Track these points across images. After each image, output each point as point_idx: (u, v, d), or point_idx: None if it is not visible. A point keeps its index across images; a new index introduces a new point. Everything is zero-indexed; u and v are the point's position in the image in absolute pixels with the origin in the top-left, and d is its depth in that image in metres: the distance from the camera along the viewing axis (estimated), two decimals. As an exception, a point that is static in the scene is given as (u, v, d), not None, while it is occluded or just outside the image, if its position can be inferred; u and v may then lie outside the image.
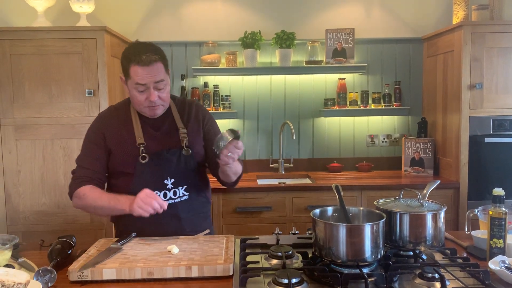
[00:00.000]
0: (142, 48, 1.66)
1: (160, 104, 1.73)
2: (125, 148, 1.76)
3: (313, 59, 3.39)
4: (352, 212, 1.51)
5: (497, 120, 2.95)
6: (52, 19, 3.28)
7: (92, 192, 1.70)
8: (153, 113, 1.75)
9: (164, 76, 1.70)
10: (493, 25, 2.92)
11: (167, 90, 1.74)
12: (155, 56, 1.65)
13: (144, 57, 1.63)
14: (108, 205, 1.67)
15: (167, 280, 1.34)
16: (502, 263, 1.32)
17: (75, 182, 1.75)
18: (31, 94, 2.83)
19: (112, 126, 1.80)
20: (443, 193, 2.97)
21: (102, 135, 1.78)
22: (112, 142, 1.78)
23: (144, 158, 1.74)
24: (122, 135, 1.77)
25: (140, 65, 1.63)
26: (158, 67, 1.66)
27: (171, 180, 1.76)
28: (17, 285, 1.16)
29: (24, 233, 2.84)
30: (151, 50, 1.66)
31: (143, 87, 1.67)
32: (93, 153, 1.78)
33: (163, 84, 1.69)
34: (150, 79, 1.65)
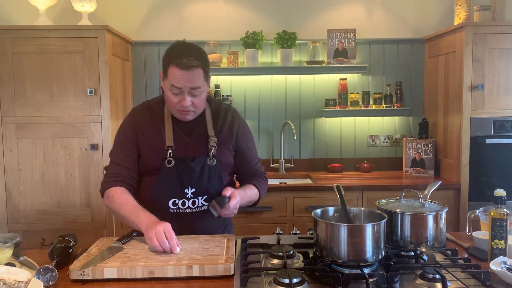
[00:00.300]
0: (186, 51, 1.60)
1: (192, 110, 1.67)
2: (153, 148, 1.73)
3: (315, 59, 3.39)
4: (353, 212, 1.50)
5: (498, 121, 2.95)
6: (53, 18, 3.28)
7: (120, 197, 1.67)
8: (183, 117, 1.70)
9: (202, 83, 1.63)
10: (495, 26, 2.92)
11: (202, 97, 1.67)
12: (196, 62, 1.58)
13: (185, 60, 1.56)
14: (129, 216, 1.62)
15: (168, 280, 1.34)
16: (503, 264, 1.32)
17: (107, 180, 1.73)
18: (33, 93, 2.83)
19: (144, 124, 1.75)
20: (444, 194, 2.96)
21: (134, 131, 1.75)
22: (142, 140, 1.74)
23: (170, 162, 1.70)
24: (152, 134, 1.74)
25: (179, 67, 1.57)
26: (197, 73, 1.59)
27: (192, 190, 1.71)
28: (18, 283, 1.16)
29: (25, 231, 2.85)
30: (194, 54, 1.59)
31: (178, 90, 1.61)
32: (126, 149, 1.75)
33: (199, 91, 1.63)
34: (186, 84, 1.59)
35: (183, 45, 1.64)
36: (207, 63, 1.65)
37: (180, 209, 1.72)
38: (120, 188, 1.70)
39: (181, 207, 1.72)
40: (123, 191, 1.69)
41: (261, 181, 1.88)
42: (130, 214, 1.62)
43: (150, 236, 1.48)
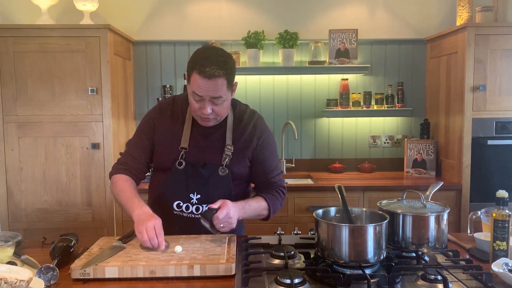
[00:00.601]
0: (211, 58, 1.54)
1: (213, 118, 1.64)
2: (168, 147, 1.72)
3: (316, 60, 3.39)
4: (355, 213, 1.50)
5: (500, 122, 2.95)
6: (55, 17, 3.28)
7: (122, 184, 1.69)
8: (204, 123, 1.67)
9: (225, 93, 1.58)
10: (497, 27, 2.92)
11: (224, 105, 1.62)
12: (220, 72, 1.52)
13: (208, 69, 1.51)
14: (125, 203, 1.64)
15: (169, 279, 1.34)
16: (505, 265, 1.32)
17: (116, 166, 1.76)
18: (34, 91, 2.83)
19: (164, 120, 1.74)
20: (445, 194, 2.96)
21: (152, 125, 1.74)
22: (158, 136, 1.74)
23: (181, 164, 1.69)
24: (169, 133, 1.72)
25: (201, 75, 1.52)
26: (219, 83, 1.54)
27: (197, 196, 1.70)
28: (19, 282, 1.16)
29: (26, 230, 2.85)
30: (218, 63, 1.53)
31: (198, 98, 1.58)
32: (141, 141, 1.75)
33: (221, 100, 1.59)
34: (207, 93, 1.55)
35: (210, 52, 1.58)
36: (232, 72, 1.60)
37: (183, 213, 1.72)
38: (124, 176, 1.72)
39: (184, 210, 1.72)
40: (125, 179, 1.71)
41: (274, 194, 1.78)
42: (126, 201, 1.63)
43: (140, 230, 1.49)
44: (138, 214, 1.55)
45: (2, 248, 1.40)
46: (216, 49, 1.62)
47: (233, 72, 1.61)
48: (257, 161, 1.76)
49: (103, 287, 1.30)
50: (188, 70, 1.59)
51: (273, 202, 1.76)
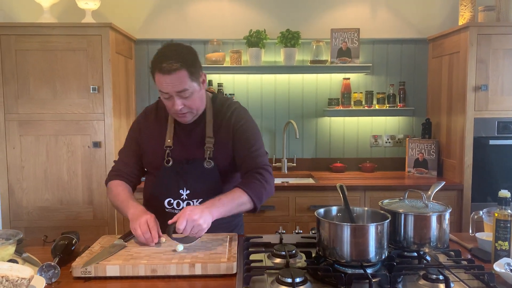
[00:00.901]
0: (167, 54, 1.56)
1: (188, 112, 1.65)
2: (154, 148, 1.76)
3: (318, 59, 3.39)
4: (357, 212, 1.50)
5: (502, 122, 2.94)
6: (57, 15, 3.28)
7: (116, 188, 1.75)
8: (182, 120, 1.70)
9: (189, 85, 1.59)
10: (499, 26, 2.91)
11: (194, 97, 1.63)
12: (177, 64, 1.54)
13: (165, 65, 1.54)
14: (120, 206, 1.70)
15: (171, 278, 1.34)
16: (507, 265, 1.32)
17: (110, 174, 1.82)
18: (36, 90, 2.83)
19: (149, 123, 1.80)
20: (446, 194, 2.96)
21: (138, 129, 1.81)
22: (145, 139, 1.79)
23: (168, 161, 1.73)
24: (154, 134, 1.78)
25: (161, 73, 1.56)
26: (179, 76, 1.56)
27: (187, 192, 1.72)
28: (21, 280, 1.16)
29: (27, 228, 2.85)
30: (174, 57, 1.55)
31: (166, 95, 1.61)
32: (130, 147, 1.83)
33: (188, 93, 1.60)
34: (171, 89, 1.58)
35: (165, 48, 1.61)
36: (192, 63, 1.59)
37: (175, 210, 1.73)
38: (117, 181, 1.78)
39: (176, 207, 1.73)
40: (119, 184, 1.77)
41: (253, 181, 1.66)
42: (121, 203, 1.68)
43: (134, 227, 1.53)
44: (132, 213, 1.60)
45: (3, 246, 1.40)
46: (173, 44, 1.63)
47: (194, 64, 1.61)
48: (238, 146, 1.73)
49: (104, 285, 1.30)
50: (151, 73, 1.62)
51: (252, 188, 1.63)
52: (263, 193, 1.66)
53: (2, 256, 1.39)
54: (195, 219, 1.46)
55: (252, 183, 1.65)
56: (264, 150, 1.78)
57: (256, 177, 1.67)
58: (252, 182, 1.65)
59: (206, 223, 1.49)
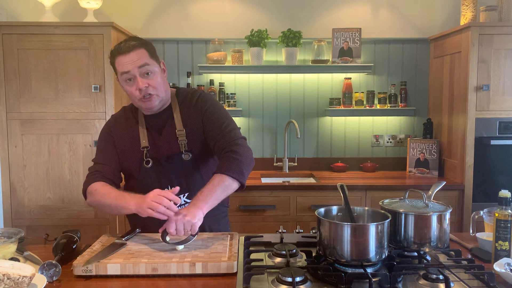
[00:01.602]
0: (124, 41, 1.66)
1: (154, 94, 1.65)
2: (130, 150, 1.74)
3: (319, 58, 3.39)
4: (357, 211, 1.50)
5: (503, 122, 2.94)
6: (59, 14, 3.29)
7: (103, 188, 1.64)
8: (149, 105, 1.67)
9: (149, 60, 1.64)
10: (501, 26, 2.90)
11: (156, 77, 1.66)
12: (135, 42, 1.63)
13: (123, 44, 1.63)
14: (115, 203, 1.59)
15: (171, 277, 1.34)
16: (507, 265, 1.32)
17: (88, 178, 1.71)
18: (38, 89, 2.84)
19: (119, 127, 1.79)
20: (447, 194, 2.96)
21: (111, 134, 1.78)
22: (119, 143, 1.76)
23: (148, 162, 1.72)
24: (128, 137, 1.76)
25: (121, 54, 1.62)
26: (139, 52, 1.63)
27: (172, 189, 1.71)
28: (22, 278, 1.17)
29: (29, 227, 2.86)
30: (131, 39, 1.67)
31: (129, 76, 1.63)
32: (106, 149, 1.77)
33: (149, 69, 1.64)
34: (132, 65, 1.61)
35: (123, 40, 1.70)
36: (149, 44, 1.68)
37: None
38: (101, 182, 1.67)
39: None
40: (105, 184, 1.67)
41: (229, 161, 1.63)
42: (116, 199, 1.58)
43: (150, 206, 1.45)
44: (136, 203, 1.51)
45: (5, 244, 1.41)
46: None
47: (151, 47, 1.69)
48: (208, 128, 1.73)
49: (105, 283, 1.31)
50: (112, 64, 1.68)
51: (230, 169, 1.61)
52: (242, 168, 1.63)
53: (4, 254, 1.40)
54: (183, 217, 1.47)
55: (228, 163, 1.62)
56: (234, 125, 1.75)
57: (230, 156, 1.64)
58: (228, 162, 1.63)
59: (196, 217, 1.49)
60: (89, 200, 1.68)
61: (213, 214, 1.75)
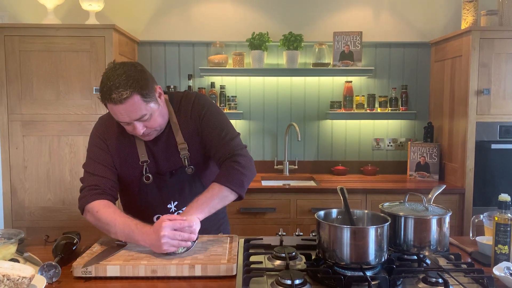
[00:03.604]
0: (113, 82, 1.44)
1: (153, 131, 1.57)
2: (128, 163, 1.63)
3: (320, 62, 3.39)
4: (357, 215, 1.50)
5: (504, 126, 2.94)
6: (61, 16, 3.30)
7: (106, 212, 1.51)
8: (146, 139, 1.60)
9: (146, 108, 1.48)
10: (502, 31, 2.91)
11: (155, 117, 1.53)
12: (127, 92, 1.43)
13: (114, 95, 1.43)
14: (121, 232, 1.48)
15: (171, 279, 1.34)
16: (506, 269, 1.32)
17: (86, 194, 1.57)
18: (39, 90, 2.85)
19: (112, 133, 1.65)
20: (448, 198, 2.95)
21: (105, 143, 1.64)
22: (114, 152, 1.63)
23: (148, 178, 1.62)
24: (123, 147, 1.63)
25: (113, 103, 1.45)
26: (133, 102, 1.45)
27: (174, 203, 1.67)
28: (22, 279, 1.17)
29: (29, 228, 2.86)
30: (122, 83, 1.43)
31: (125, 123, 1.52)
32: (100, 158, 1.62)
33: (147, 116, 1.50)
34: (128, 118, 1.48)
35: (111, 72, 1.48)
36: (143, 83, 1.47)
37: None
38: (103, 201, 1.54)
39: None
40: (106, 204, 1.54)
41: (228, 170, 1.58)
42: (123, 229, 1.47)
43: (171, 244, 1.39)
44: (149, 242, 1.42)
45: (5, 245, 1.41)
46: (117, 67, 1.50)
47: (145, 82, 1.48)
48: (207, 136, 1.64)
49: (105, 285, 1.31)
50: (102, 102, 1.51)
51: (230, 180, 1.55)
52: (243, 180, 1.58)
53: (4, 255, 1.40)
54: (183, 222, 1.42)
55: (229, 174, 1.57)
56: (233, 132, 1.68)
57: (232, 166, 1.58)
58: (229, 173, 1.57)
59: (193, 222, 1.44)
60: (89, 219, 1.57)
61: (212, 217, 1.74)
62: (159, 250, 1.41)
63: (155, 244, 1.41)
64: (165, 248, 1.40)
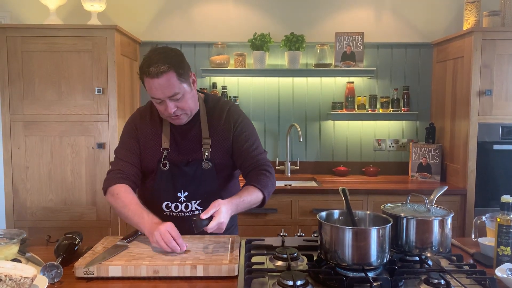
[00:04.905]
0: (153, 57, 1.57)
1: (182, 114, 1.64)
2: (151, 149, 1.72)
3: (322, 62, 3.39)
4: (359, 215, 1.50)
5: (506, 127, 2.93)
6: (63, 17, 3.31)
7: (125, 196, 1.62)
8: (177, 122, 1.68)
9: (178, 87, 1.57)
10: (504, 31, 2.90)
11: (186, 99, 1.62)
12: (164, 67, 1.54)
13: (152, 68, 1.54)
14: (132, 218, 1.58)
15: (172, 279, 1.34)
16: (509, 270, 1.31)
17: (111, 177, 1.69)
18: (41, 91, 2.86)
19: (145, 124, 1.75)
20: (450, 199, 2.95)
21: (136, 129, 1.75)
22: (142, 139, 1.74)
23: (165, 165, 1.70)
24: (151, 135, 1.73)
25: (150, 77, 1.55)
26: (168, 78, 1.54)
27: (185, 194, 1.71)
28: (24, 279, 1.17)
29: (31, 228, 2.86)
30: (161, 60, 1.55)
31: (158, 100, 1.60)
32: (129, 145, 1.74)
33: (179, 95, 1.58)
34: (162, 94, 1.57)
35: (152, 53, 1.60)
36: (180, 64, 1.59)
37: (173, 212, 1.73)
38: (124, 186, 1.66)
39: (174, 210, 1.72)
40: (127, 190, 1.66)
41: (263, 178, 1.70)
42: (133, 215, 1.58)
43: (157, 239, 1.46)
44: (149, 229, 1.51)
45: (7, 245, 1.41)
46: (159, 48, 1.62)
47: (182, 65, 1.60)
48: (238, 144, 1.74)
49: (107, 285, 1.31)
50: (140, 79, 1.62)
51: (265, 187, 1.68)
52: (272, 190, 1.72)
53: (6, 255, 1.40)
54: (222, 222, 1.49)
55: (266, 181, 1.69)
56: (262, 148, 1.80)
57: (265, 174, 1.71)
58: (265, 181, 1.69)
59: (225, 226, 1.52)
60: (110, 200, 1.68)
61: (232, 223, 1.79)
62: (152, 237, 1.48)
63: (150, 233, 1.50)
64: (151, 240, 1.49)
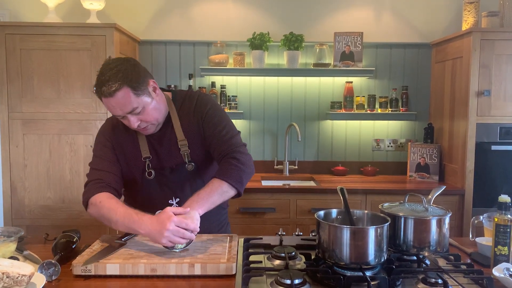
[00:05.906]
0: (104, 75, 1.47)
1: (149, 124, 1.59)
2: (131, 159, 1.67)
3: (321, 62, 3.39)
4: (356, 215, 1.50)
5: (504, 128, 2.94)
6: (62, 15, 3.30)
7: (109, 202, 1.53)
8: (145, 133, 1.63)
9: (136, 101, 1.50)
10: (503, 32, 2.91)
11: (148, 111, 1.54)
12: (116, 84, 1.45)
13: (104, 88, 1.46)
14: (122, 221, 1.48)
15: (170, 277, 1.34)
16: (506, 270, 1.32)
17: (90, 188, 1.59)
18: (40, 89, 2.85)
19: (118, 133, 1.69)
20: (448, 199, 2.95)
21: (109, 138, 1.68)
22: (119, 150, 1.68)
23: (150, 174, 1.65)
24: (127, 144, 1.68)
25: (104, 97, 1.48)
26: (123, 95, 1.47)
27: (176, 200, 1.69)
28: (21, 277, 1.17)
29: (29, 226, 2.86)
30: (112, 77, 1.46)
31: (119, 116, 1.55)
32: (106, 155, 1.66)
33: (139, 109, 1.52)
34: (120, 111, 1.51)
35: (103, 68, 1.50)
36: (133, 77, 1.49)
37: None
38: (106, 193, 1.57)
39: None
40: (110, 196, 1.56)
41: (228, 166, 1.61)
42: (123, 218, 1.48)
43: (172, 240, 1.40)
44: (149, 231, 1.43)
45: (4, 243, 1.41)
46: (111, 62, 1.52)
47: (136, 77, 1.50)
48: (208, 133, 1.67)
49: (104, 283, 1.31)
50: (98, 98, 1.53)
51: (230, 176, 1.59)
52: (242, 176, 1.61)
53: (3, 253, 1.40)
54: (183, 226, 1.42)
55: (229, 170, 1.60)
56: (234, 130, 1.71)
57: (231, 162, 1.61)
58: (229, 169, 1.60)
59: (194, 219, 1.45)
60: (92, 212, 1.58)
61: (216, 219, 1.78)
62: (157, 241, 1.42)
63: (156, 235, 1.41)
64: (164, 242, 1.41)
